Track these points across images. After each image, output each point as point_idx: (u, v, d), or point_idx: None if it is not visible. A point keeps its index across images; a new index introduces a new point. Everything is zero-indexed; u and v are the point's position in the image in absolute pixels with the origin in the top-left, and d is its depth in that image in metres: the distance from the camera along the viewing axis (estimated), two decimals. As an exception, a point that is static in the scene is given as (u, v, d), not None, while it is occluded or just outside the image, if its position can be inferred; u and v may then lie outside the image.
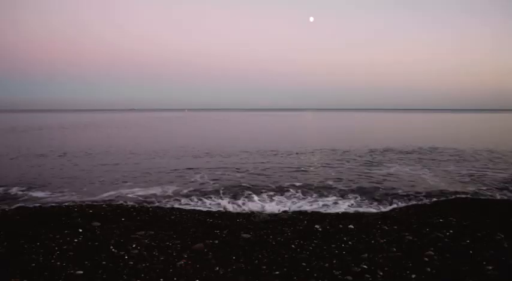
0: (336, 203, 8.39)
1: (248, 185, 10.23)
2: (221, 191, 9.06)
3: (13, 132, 31.38)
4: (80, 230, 6.05)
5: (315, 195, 9.12)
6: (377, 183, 10.60)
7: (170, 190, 9.68)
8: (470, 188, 9.81)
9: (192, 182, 10.83)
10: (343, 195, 9.15)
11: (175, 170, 12.99)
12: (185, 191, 9.46)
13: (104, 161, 15.02)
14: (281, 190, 9.64)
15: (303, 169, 13.15)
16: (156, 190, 9.62)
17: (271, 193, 9.21)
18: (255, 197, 8.75)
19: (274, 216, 7.31)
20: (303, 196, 8.90)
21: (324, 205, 8.21)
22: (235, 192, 9.27)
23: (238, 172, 12.49)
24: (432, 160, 15.21)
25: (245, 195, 8.92)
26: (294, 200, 8.59)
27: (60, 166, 13.92)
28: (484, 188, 9.88)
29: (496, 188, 9.87)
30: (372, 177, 11.47)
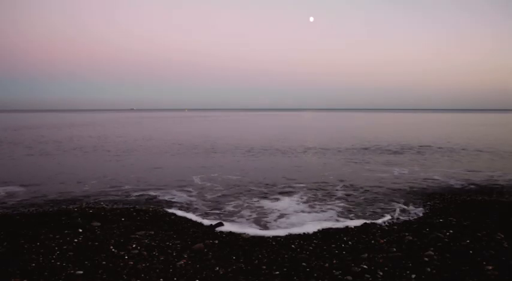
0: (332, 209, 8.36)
1: (247, 189, 10.23)
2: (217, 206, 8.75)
3: (14, 131, 31.42)
4: (80, 230, 6.06)
5: (312, 198, 9.10)
6: (378, 184, 10.60)
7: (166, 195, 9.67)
8: (470, 188, 9.81)
9: (191, 186, 10.81)
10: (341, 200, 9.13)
11: (172, 170, 12.99)
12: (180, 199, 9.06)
13: (99, 162, 15.02)
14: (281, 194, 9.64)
15: (303, 169, 13.14)
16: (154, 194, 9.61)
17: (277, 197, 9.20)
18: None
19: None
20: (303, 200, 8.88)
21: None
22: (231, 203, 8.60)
23: (237, 172, 12.47)
24: (431, 160, 15.21)
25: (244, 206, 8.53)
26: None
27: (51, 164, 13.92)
28: (483, 188, 9.88)
29: (495, 188, 9.87)
30: (371, 178, 11.47)
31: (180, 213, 7.51)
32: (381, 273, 4.41)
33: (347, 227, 6.44)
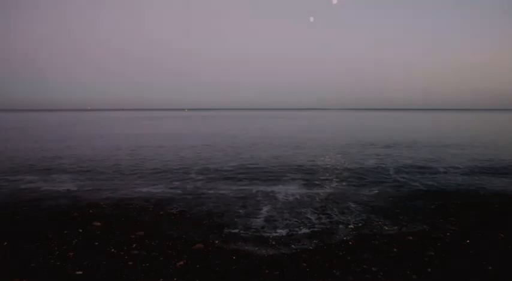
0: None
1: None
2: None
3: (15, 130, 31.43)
4: (80, 230, 6.06)
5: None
6: (382, 183, 10.59)
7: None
8: (470, 188, 9.80)
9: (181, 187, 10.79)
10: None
11: (173, 170, 12.98)
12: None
13: (97, 161, 15.00)
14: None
15: (306, 168, 13.13)
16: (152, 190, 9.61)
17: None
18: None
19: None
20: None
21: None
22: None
23: (238, 170, 12.46)
24: (440, 156, 15.20)
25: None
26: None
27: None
28: (483, 187, 9.88)
29: (495, 187, 9.86)
30: (378, 177, 11.46)
31: (180, 213, 7.51)
32: (381, 273, 4.41)
33: (347, 226, 6.44)
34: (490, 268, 4.47)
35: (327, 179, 10.90)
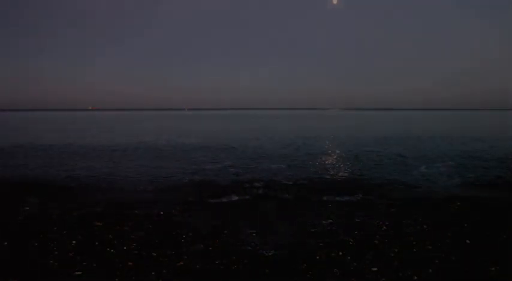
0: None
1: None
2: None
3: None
4: (80, 230, 6.05)
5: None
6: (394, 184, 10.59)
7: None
8: (471, 188, 9.80)
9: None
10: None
11: (173, 171, 12.97)
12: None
13: (96, 161, 14.99)
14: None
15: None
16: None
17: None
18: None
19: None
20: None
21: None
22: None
23: (240, 169, 12.43)
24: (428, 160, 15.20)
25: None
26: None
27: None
28: (484, 187, 9.87)
29: (497, 187, 9.86)
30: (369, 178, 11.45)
31: (180, 213, 7.49)
32: (381, 273, 4.41)
33: (348, 226, 6.43)
34: (491, 269, 4.47)
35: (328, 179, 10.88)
